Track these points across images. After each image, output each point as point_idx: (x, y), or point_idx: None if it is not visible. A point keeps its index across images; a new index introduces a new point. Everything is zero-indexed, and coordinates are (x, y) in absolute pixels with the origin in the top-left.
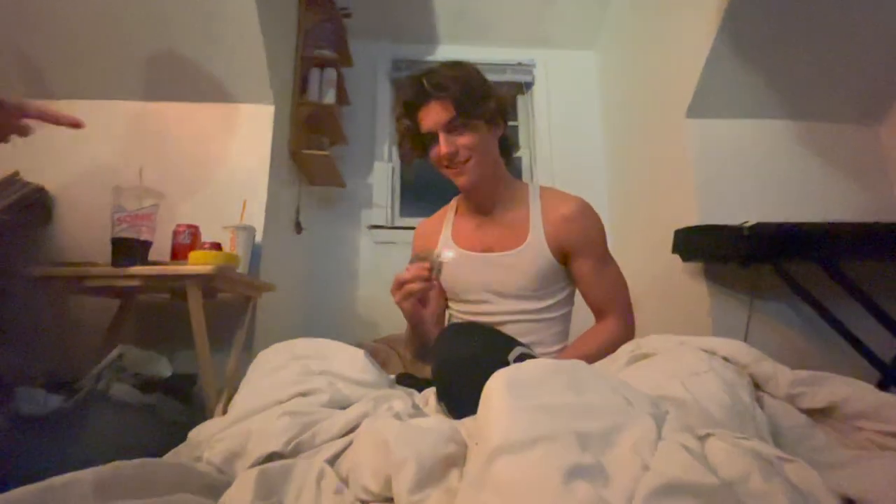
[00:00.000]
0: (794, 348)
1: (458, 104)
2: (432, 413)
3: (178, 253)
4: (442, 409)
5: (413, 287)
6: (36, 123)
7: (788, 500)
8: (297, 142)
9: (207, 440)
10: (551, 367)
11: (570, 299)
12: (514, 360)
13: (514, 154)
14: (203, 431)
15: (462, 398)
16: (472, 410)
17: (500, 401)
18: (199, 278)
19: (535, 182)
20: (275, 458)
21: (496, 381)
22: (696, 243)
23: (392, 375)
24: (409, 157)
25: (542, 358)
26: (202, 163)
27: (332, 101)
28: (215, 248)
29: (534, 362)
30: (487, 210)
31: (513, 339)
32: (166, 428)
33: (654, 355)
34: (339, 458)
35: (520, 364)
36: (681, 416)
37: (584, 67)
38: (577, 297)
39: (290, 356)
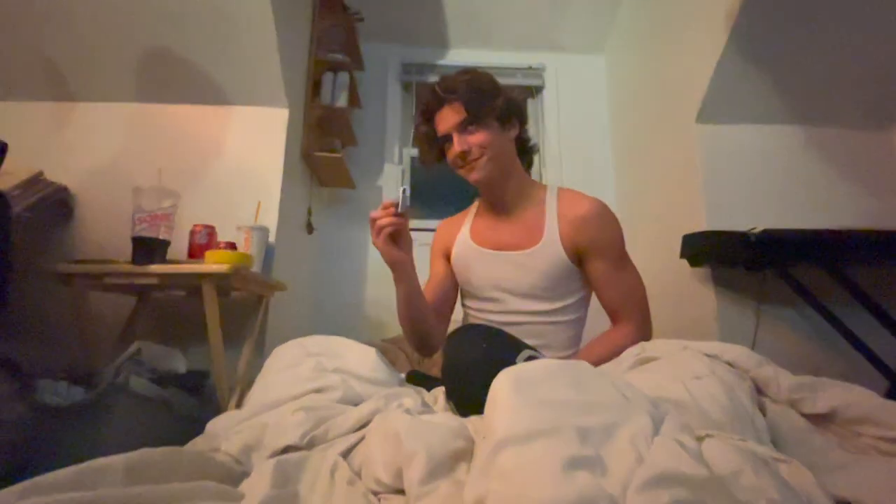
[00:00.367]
0: (801, 354)
1: (468, 105)
2: (441, 411)
3: (195, 252)
4: (450, 407)
5: (383, 222)
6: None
7: (779, 494)
8: (310, 144)
9: (225, 432)
10: (555, 366)
11: (583, 304)
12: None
13: (533, 154)
14: (220, 424)
15: (470, 399)
16: (479, 410)
17: (506, 397)
18: (215, 277)
19: (552, 184)
20: (290, 450)
21: (503, 378)
22: (703, 248)
23: (402, 374)
24: (429, 160)
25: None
26: (218, 164)
27: (345, 104)
28: (231, 247)
29: (539, 362)
30: (504, 209)
31: (521, 342)
32: (180, 421)
33: (658, 359)
34: (351, 451)
35: (525, 363)
36: (680, 417)
37: (594, 72)
38: (592, 306)
39: (305, 353)
